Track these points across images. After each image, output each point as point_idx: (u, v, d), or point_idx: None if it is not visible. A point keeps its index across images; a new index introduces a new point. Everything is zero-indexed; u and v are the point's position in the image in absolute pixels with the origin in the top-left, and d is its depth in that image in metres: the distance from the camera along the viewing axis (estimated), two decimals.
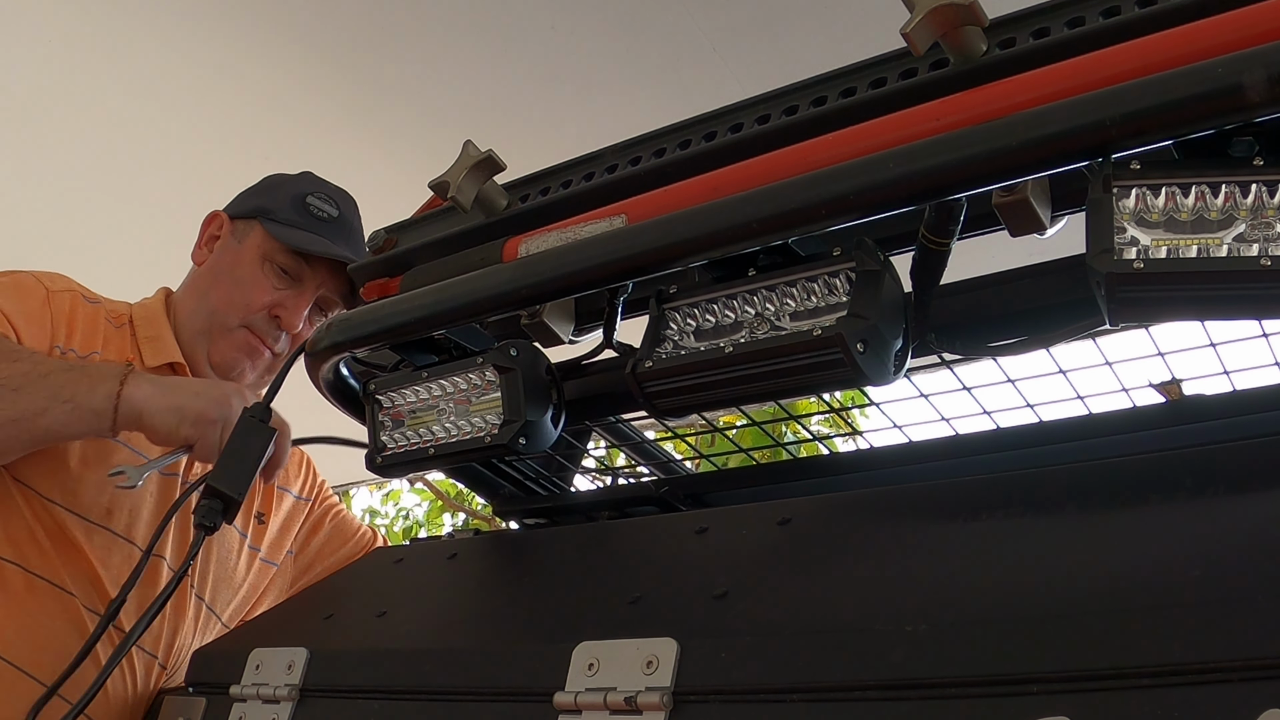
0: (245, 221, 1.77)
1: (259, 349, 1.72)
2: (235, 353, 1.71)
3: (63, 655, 1.45)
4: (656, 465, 1.60)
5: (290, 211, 1.75)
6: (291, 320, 1.71)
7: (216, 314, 1.71)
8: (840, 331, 0.90)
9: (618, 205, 1.15)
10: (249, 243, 1.74)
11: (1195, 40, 0.82)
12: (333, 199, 1.79)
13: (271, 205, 1.76)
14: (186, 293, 1.77)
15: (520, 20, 2.57)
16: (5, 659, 1.43)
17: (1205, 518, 0.82)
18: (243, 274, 1.72)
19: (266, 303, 1.71)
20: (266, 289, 1.71)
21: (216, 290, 1.72)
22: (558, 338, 1.26)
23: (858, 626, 0.85)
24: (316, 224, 1.75)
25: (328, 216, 1.76)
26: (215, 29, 2.73)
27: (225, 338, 1.71)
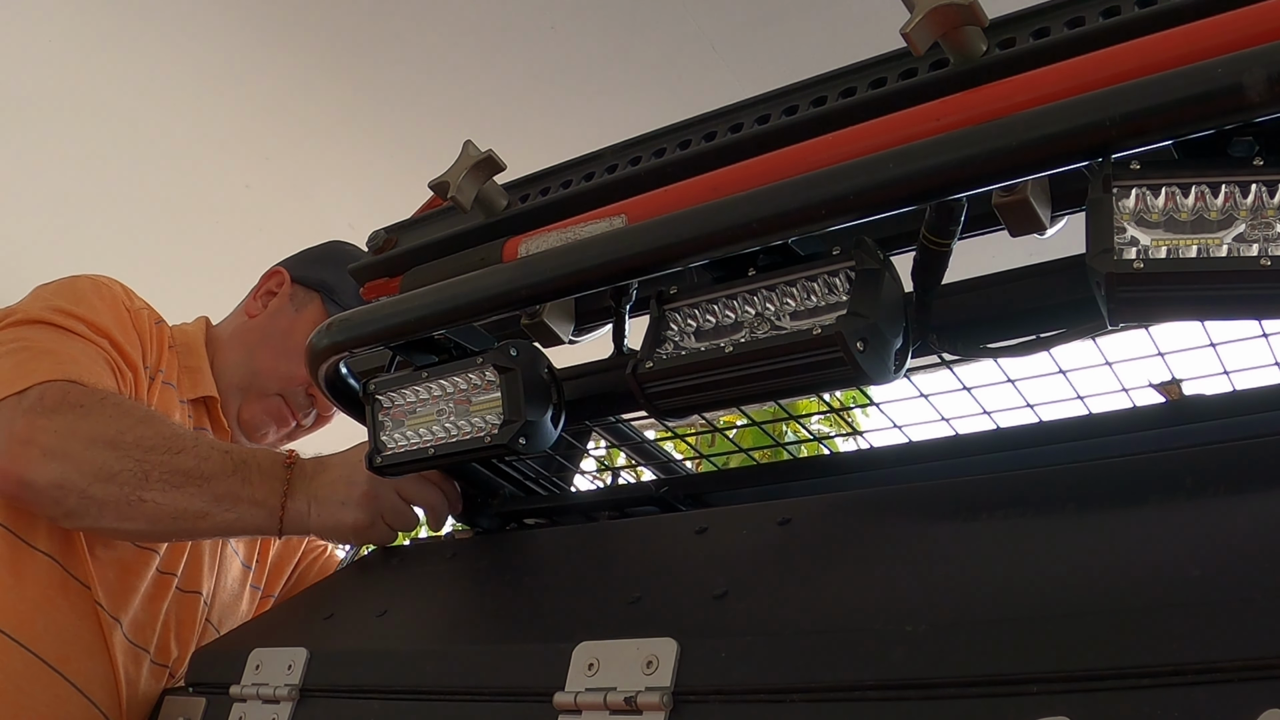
0: (306, 291, 1.79)
1: (288, 419, 1.75)
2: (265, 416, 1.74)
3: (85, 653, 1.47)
4: (656, 465, 1.60)
5: (353, 299, 1.73)
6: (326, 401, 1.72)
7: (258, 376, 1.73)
8: (839, 330, 0.90)
9: (618, 205, 1.15)
10: (305, 315, 1.76)
11: (1195, 40, 0.82)
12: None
13: (336, 285, 1.77)
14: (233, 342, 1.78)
15: (520, 20, 2.57)
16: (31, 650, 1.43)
17: (1205, 518, 0.82)
18: (293, 345, 1.72)
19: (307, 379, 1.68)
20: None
21: (264, 353, 1.74)
22: (558, 338, 1.26)
23: (858, 626, 0.85)
24: None
25: None
26: (215, 29, 2.73)
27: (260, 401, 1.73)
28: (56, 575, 1.46)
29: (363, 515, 1.40)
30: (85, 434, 1.35)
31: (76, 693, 1.45)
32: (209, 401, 1.70)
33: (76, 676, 1.45)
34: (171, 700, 1.39)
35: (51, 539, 1.46)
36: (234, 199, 3.13)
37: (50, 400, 1.36)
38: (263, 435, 1.76)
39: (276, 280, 1.82)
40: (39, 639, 1.43)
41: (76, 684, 1.45)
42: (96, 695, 1.47)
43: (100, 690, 1.48)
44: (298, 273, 1.82)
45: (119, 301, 1.60)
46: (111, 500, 1.35)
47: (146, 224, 3.23)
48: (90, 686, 1.46)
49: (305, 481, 1.41)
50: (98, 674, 1.48)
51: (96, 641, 1.49)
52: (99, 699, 1.48)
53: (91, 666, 1.47)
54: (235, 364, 1.74)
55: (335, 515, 1.39)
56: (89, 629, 1.48)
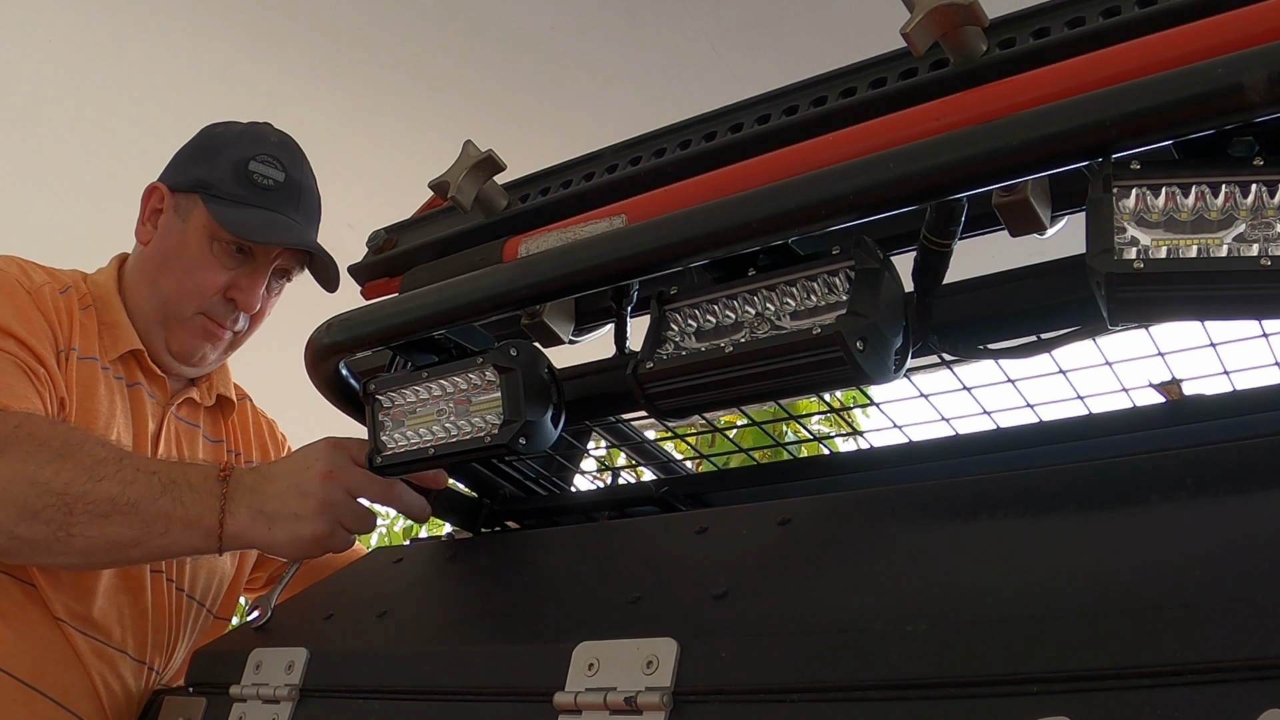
0: (187, 197, 1.65)
1: (218, 333, 1.65)
2: (194, 340, 1.64)
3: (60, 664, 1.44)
4: (656, 465, 1.60)
5: (233, 184, 1.63)
6: (248, 300, 1.64)
7: (169, 303, 1.62)
8: (839, 330, 0.90)
9: (618, 205, 1.15)
10: (193, 222, 1.63)
11: (1195, 40, 0.82)
12: (277, 159, 1.66)
13: (211, 177, 1.64)
14: (137, 277, 1.67)
15: (519, 20, 2.57)
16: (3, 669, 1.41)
17: (1205, 518, 0.82)
18: (191, 257, 1.62)
19: (220, 285, 1.62)
20: (218, 270, 1.62)
21: (166, 277, 1.63)
22: (558, 338, 1.26)
23: (858, 626, 0.85)
24: (262, 195, 1.63)
25: (274, 183, 1.64)
26: (215, 29, 2.73)
27: (182, 326, 1.63)
28: (17, 590, 1.43)
29: (322, 525, 1.29)
30: (4, 475, 1.28)
31: (56, 706, 1.43)
32: (136, 354, 1.62)
33: (54, 690, 1.43)
34: (171, 700, 1.39)
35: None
36: None
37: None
38: (201, 358, 1.66)
39: (157, 197, 1.69)
40: (11, 657, 1.41)
41: (54, 697, 1.43)
42: (77, 706, 1.45)
43: (81, 700, 1.45)
44: (174, 180, 1.69)
45: (16, 287, 1.51)
46: (40, 538, 1.29)
47: None
48: (69, 698, 1.44)
49: (246, 494, 1.31)
50: (76, 684, 1.45)
51: (66, 652, 1.46)
52: (80, 709, 1.45)
53: (69, 678, 1.45)
54: (145, 298, 1.64)
55: (292, 529, 1.29)
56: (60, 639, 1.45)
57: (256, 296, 1.65)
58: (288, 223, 1.64)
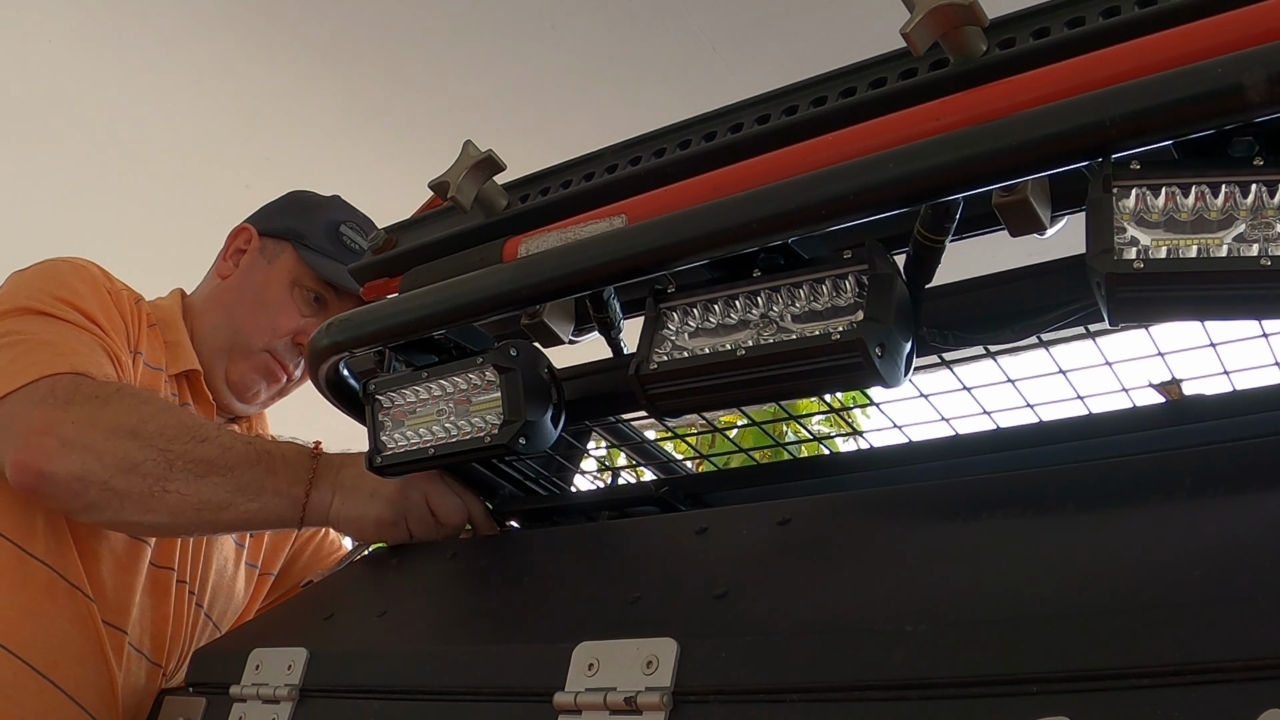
0: (276, 242, 1.75)
1: (277, 373, 1.71)
2: (254, 375, 1.70)
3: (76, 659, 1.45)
4: (656, 465, 1.60)
5: (324, 239, 1.73)
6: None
7: (240, 334, 1.69)
8: (860, 336, 0.90)
9: (618, 205, 1.15)
10: (279, 265, 1.72)
11: (1195, 40, 0.82)
12: (363, 229, 1.77)
13: (305, 230, 1.74)
14: (209, 306, 1.74)
15: (520, 20, 2.57)
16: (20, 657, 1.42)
17: (1205, 518, 0.82)
18: (271, 297, 1.70)
19: (293, 329, 1.70)
20: (294, 315, 1.70)
21: (242, 309, 1.70)
22: (558, 338, 1.26)
23: (858, 626, 0.85)
24: (348, 255, 1.73)
25: (359, 249, 1.73)
26: (215, 29, 2.73)
27: (246, 359, 1.69)
28: (46, 580, 1.44)
29: (388, 511, 1.37)
30: (106, 424, 1.32)
31: (67, 699, 1.44)
32: (191, 375, 1.67)
33: (66, 682, 1.44)
34: (171, 700, 1.39)
35: (48, 546, 1.45)
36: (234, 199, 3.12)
37: (63, 392, 1.34)
38: (254, 394, 1.73)
39: (244, 238, 1.78)
40: (27, 646, 1.41)
41: (66, 690, 1.44)
42: (88, 700, 1.46)
43: (92, 695, 1.46)
44: (264, 226, 1.78)
45: (100, 284, 1.57)
46: (134, 492, 1.32)
47: (146, 224, 3.23)
48: (81, 692, 1.45)
49: (332, 472, 1.39)
50: (90, 679, 1.46)
51: (89, 646, 1.47)
52: (90, 704, 1.46)
53: (83, 672, 1.46)
54: (215, 327, 1.71)
55: (361, 507, 1.37)
56: (80, 634, 1.46)
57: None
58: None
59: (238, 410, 1.76)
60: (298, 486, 1.37)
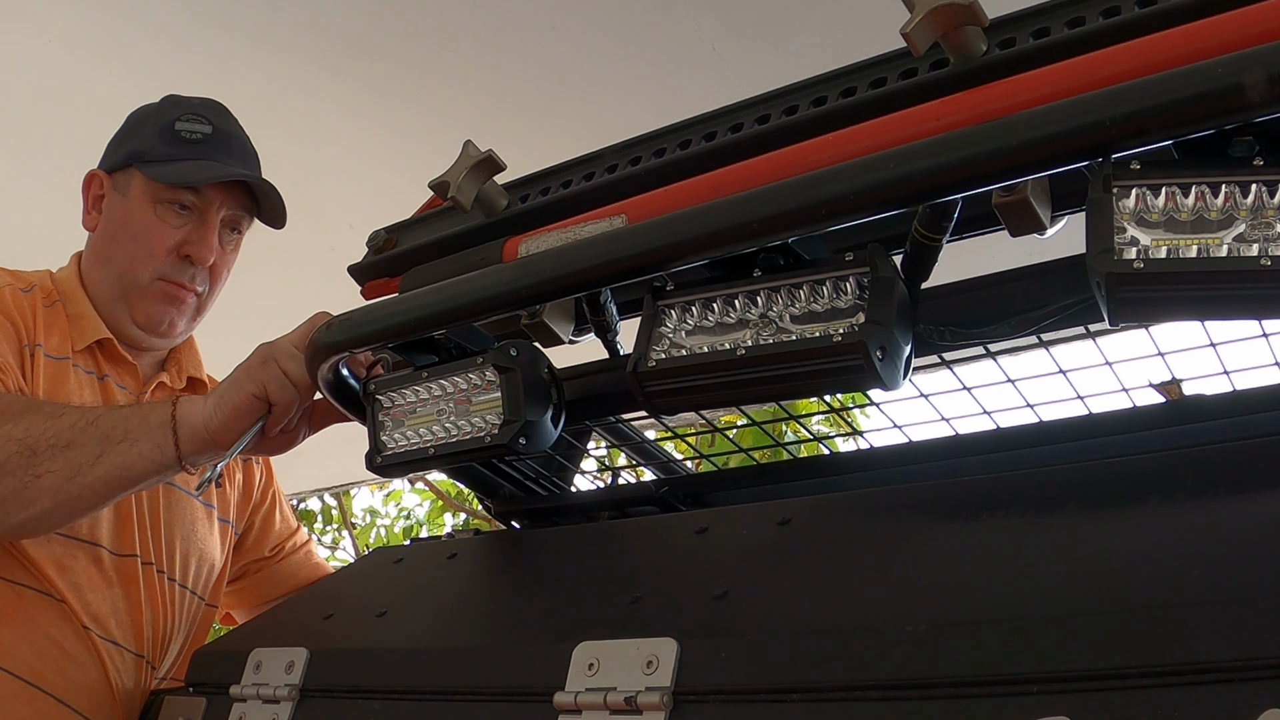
0: (123, 172, 1.69)
1: (178, 294, 1.65)
2: (157, 306, 1.65)
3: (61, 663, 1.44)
4: (656, 465, 1.60)
5: (162, 145, 1.66)
6: (202, 254, 1.65)
7: (125, 275, 1.64)
8: (862, 339, 0.90)
9: (618, 205, 1.15)
10: (133, 193, 1.66)
11: (1195, 40, 0.82)
12: (202, 115, 1.71)
13: (142, 146, 1.68)
14: (91, 262, 1.69)
15: (520, 20, 2.57)
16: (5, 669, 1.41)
17: (1205, 518, 0.82)
18: (137, 226, 1.64)
19: (171, 245, 1.63)
20: (167, 232, 1.64)
21: (118, 250, 1.65)
22: (558, 338, 1.26)
23: (858, 626, 0.85)
24: (193, 148, 1.67)
25: (201, 136, 1.68)
26: (215, 29, 2.73)
27: (142, 295, 1.64)
28: (13, 591, 1.43)
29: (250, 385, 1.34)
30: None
31: (57, 704, 1.43)
32: (104, 344, 1.63)
33: (55, 687, 1.43)
34: (171, 700, 1.39)
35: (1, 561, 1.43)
36: None
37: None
38: (169, 325, 1.67)
39: (96, 184, 1.72)
40: (9, 655, 1.41)
41: (55, 694, 1.43)
42: (79, 703, 1.45)
43: (83, 697, 1.45)
44: (108, 164, 1.72)
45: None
46: (7, 493, 1.30)
47: None
48: (71, 694, 1.44)
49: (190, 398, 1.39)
50: (79, 681, 1.45)
51: (73, 648, 1.46)
52: (82, 706, 1.45)
53: (71, 674, 1.45)
54: (102, 280, 1.66)
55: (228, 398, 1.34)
56: (62, 636, 1.45)
57: (209, 248, 1.65)
58: (222, 166, 1.66)
59: (160, 345, 1.72)
60: (162, 410, 1.36)
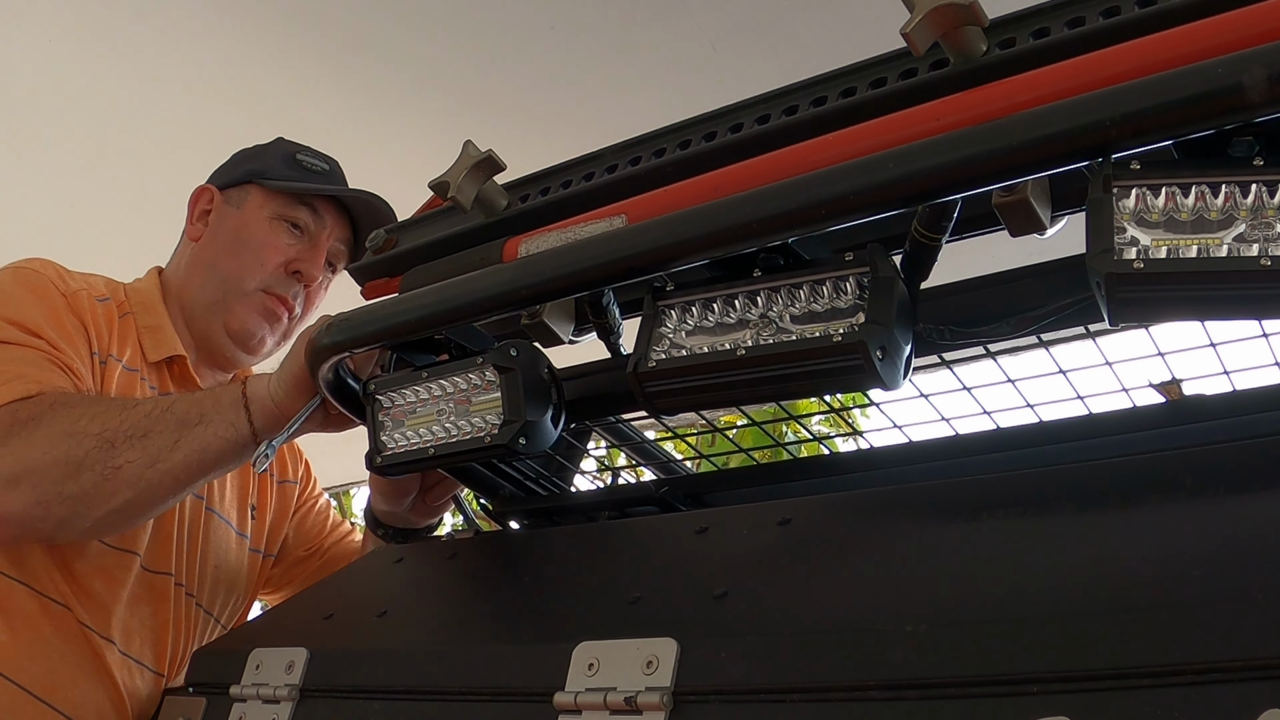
0: (238, 189, 1.71)
1: (278, 311, 1.66)
2: (254, 317, 1.65)
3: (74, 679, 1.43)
4: (656, 465, 1.60)
5: (284, 169, 1.70)
6: (312, 271, 1.67)
7: (229, 281, 1.64)
8: (862, 339, 0.90)
9: (618, 205, 1.15)
10: (250, 205, 1.68)
11: (1195, 40, 0.82)
12: (321, 155, 1.76)
13: (262, 168, 1.71)
14: (192, 270, 1.69)
15: (519, 20, 2.57)
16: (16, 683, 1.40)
17: (1205, 518, 0.82)
18: (250, 237, 1.65)
19: (281, 260, 1.65)
20: (280, 246, 1.66)
21: (226, 258, 1.65)
22: (558, 338, 1.26)
23: (858, 626, 0.85)
24: (313, 177, 1.71)
25: (321, 170, 1.73)
26: (215, 29, 2.73)
27: (242, 303, 1.64)
28: (35, 602, 1.43)
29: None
30: (41, 442, 1.30)
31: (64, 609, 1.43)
32: (177, 361, 1.63)
33: (65, 704, 1.42)
34: (171, 700, 1.39)
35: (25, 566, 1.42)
36: None
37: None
38: (259, 341, 1.67)
39: (206, 197, 1.73)
40: (24, 671, 1.40)
41: (65, 712, 1.42)
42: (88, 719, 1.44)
43: (93, 715, 1.45)
44: (222, 180, 1.74)
45: (50, 289, 1.51)
46: (89, 488, 1.30)
47: (147, 224, 3.22)
48: (81, 712, 1.43)
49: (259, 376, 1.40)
50: (91, 698, 1.45)
51: (87, 664, 1.45)
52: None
53: (84, 690, 1.44)
54: (203, 285, 1.66)
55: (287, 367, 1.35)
56: (76, 652, 1.44)
57: (319, 266, 1.67)
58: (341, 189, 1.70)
59: (241, 364, 1.72)
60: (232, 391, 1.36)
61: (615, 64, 2.63)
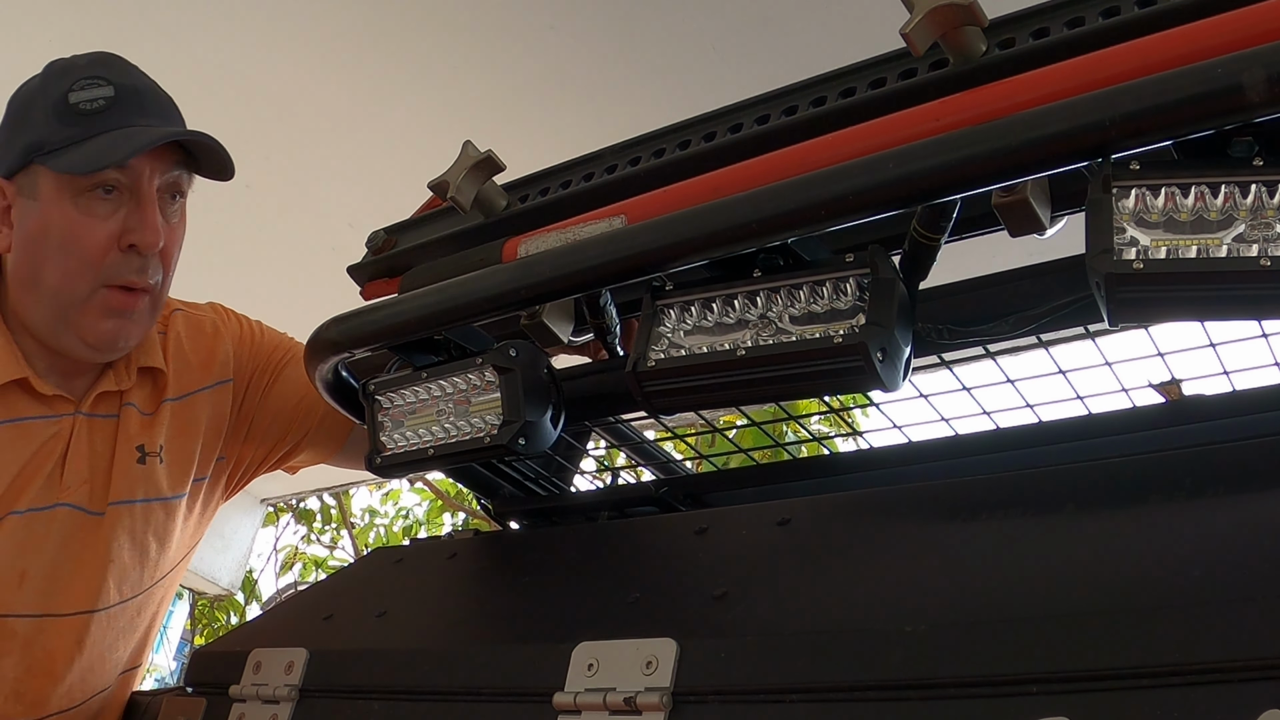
0: (25, 174, 1.38)
1: (129, 303, 1.39)
2: (104, 320, 1.39)
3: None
4: (656, 465, 1.60)
5: (61, 128, 1.36)
6: (148, 238, 1.37)
7: (61, 294, 1.37)
8: (863, 340, 0.90)
9: (617, 205, 1.15)
10: (44, 195, 1.37)
11: (1195, 40, 0.82)
12: (97, 77, 1.38)
13: (37, 136, 1.37)
14: (16, 288, 1.42)
15: (520, 20, 2.57)
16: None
17: (1205, 518, 0.82)
18: (60, 231, 1.36)
19: (107, 241, 1.36)
20: (97, 226, 1.36)
21: (46, 266, 1.37)
22: (557, 338, 1.26)
23: (858, 626, 0.85)
24: (98, 120, 1.36)
25: (104, 102, 1.37)
26: (215, 29, 2.73)
27: (85, 312, 1.38)
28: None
29: None
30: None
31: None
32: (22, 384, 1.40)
33: None
34: (171, 700, 1.39)
35: None
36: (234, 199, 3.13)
37: None
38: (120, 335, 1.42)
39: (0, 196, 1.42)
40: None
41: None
42: None
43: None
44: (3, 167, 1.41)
45: None
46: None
47: None
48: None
49: None
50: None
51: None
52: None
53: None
54: (35, 304, 1.40)
55: None
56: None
57: (154, 229, 1.38)
58: (141, 130, 1.38)
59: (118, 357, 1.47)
60: None
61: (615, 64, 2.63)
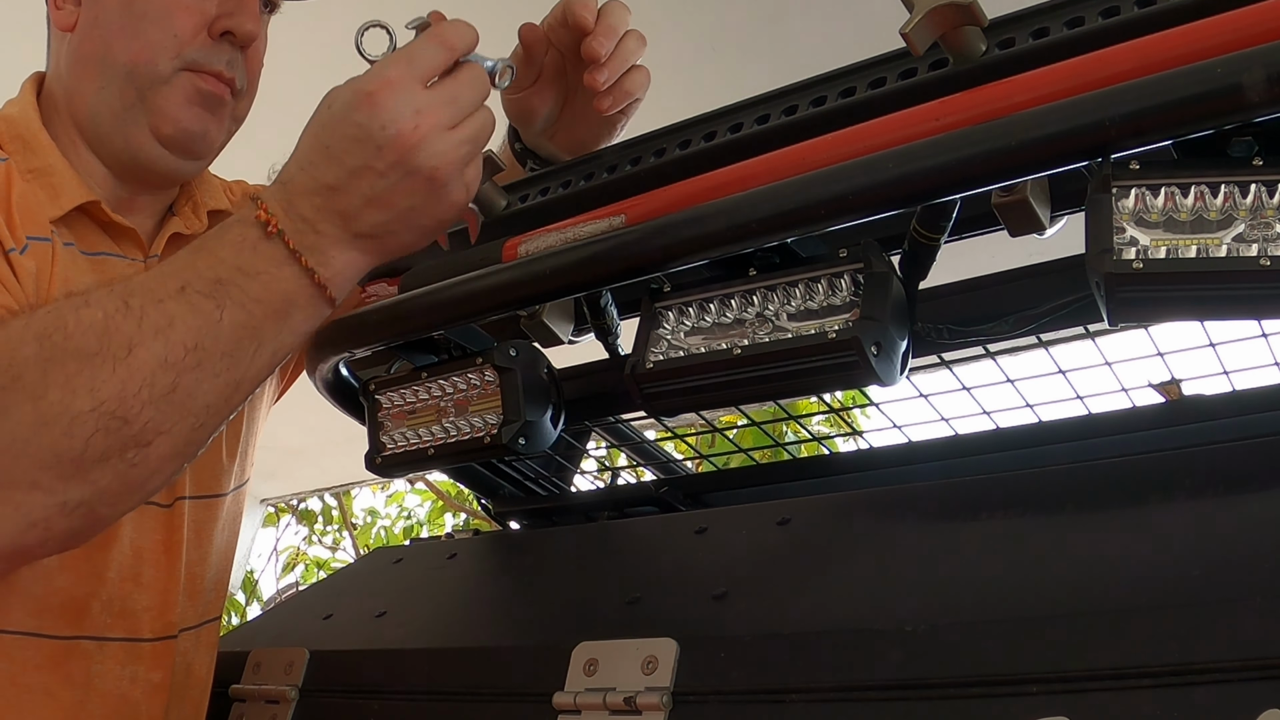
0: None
1: (217, 92, 1.20)
2: (186, 108, 1.18)
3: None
4: (656, 465, 1.60)
5: None
6: (247, 26, 1.22)
7: (138, 71, 1.16)
8: (856, 335, 0.90)
9: (617, 205, 1.15)
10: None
11: (1195, 40, 0.81)
12: None
13: None
14: (78, 73, 1.20)
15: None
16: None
17: (1205, 518, 0.82)
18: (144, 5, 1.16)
19: (201, 21, 1.18)
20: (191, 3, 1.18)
21: (120, 43, 1.16)
22: (557, 338, 1.26)
23: (857, 626, 0.85)
24: None
25: None
26: None
27: (166, 96, 1.17)
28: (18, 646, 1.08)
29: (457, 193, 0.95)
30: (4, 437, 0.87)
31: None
32: (88, 208, 1.18)
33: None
34: None
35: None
36: None
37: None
38: (201, 136, 1.22)
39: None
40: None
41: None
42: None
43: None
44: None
45: None
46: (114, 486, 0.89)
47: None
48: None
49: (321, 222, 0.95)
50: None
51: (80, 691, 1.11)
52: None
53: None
54: (100, 90, 1.18)
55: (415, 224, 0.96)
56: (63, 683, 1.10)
57: (253, 16, 1.24)
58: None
59: (187, 174, 1.28)
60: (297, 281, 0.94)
61: None
